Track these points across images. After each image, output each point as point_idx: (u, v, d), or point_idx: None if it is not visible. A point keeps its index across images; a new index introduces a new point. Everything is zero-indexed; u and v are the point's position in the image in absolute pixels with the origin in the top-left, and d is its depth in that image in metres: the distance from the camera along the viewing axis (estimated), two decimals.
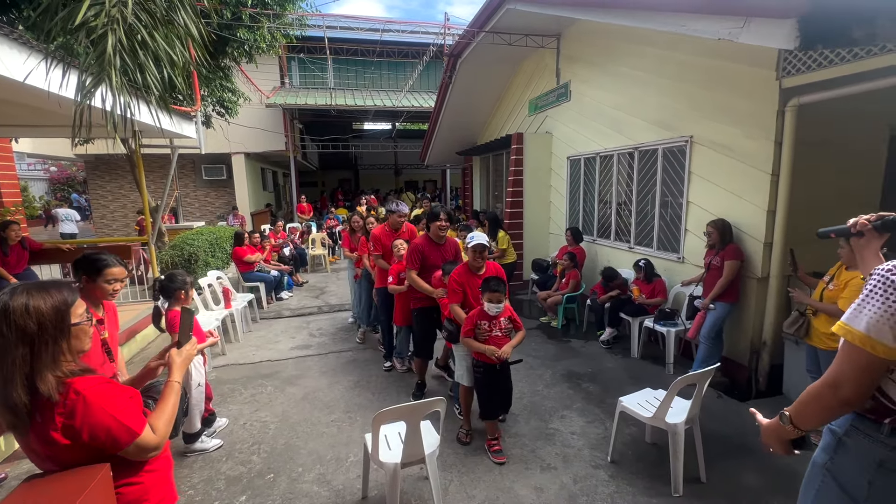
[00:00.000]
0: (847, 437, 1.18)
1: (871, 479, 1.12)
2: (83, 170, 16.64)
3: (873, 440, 1.12)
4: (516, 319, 2.91)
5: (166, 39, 2.47)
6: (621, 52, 5.29)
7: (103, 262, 2.21)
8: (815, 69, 3.19)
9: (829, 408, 1.13)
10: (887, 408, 1.10)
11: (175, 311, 3.09)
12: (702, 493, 2.55)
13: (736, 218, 3.89)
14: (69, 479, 1.11)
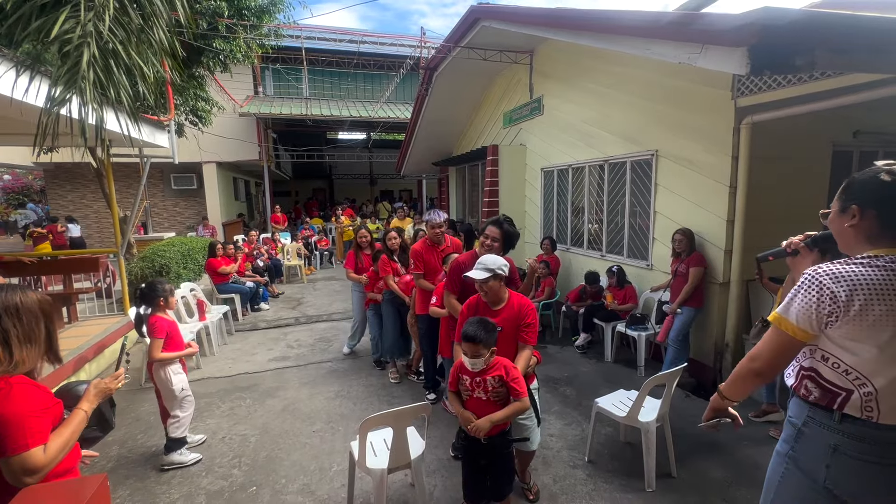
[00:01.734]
0: (805, 427, 1.29)
1: (828, 464, 1.24)
2: (41, 178, 15.88)
3: (827, 428, 1.25)
4: (513, 384, 2.03)
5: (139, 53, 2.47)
6: (591, 70, 5.56)
7: None
8: (766, 91, 3.50)
9: (745, 377, 1.34)
10: (830, 391, 1.23)
11: (157, 316, 3.07)
12: (673, 488, 2.70)
13: (698, 227, 4.14)
14: (67, 488, 1.12)
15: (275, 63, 13.17)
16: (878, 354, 1.16)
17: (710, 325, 4.13)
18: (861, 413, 1.20)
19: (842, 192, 1.31)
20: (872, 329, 1.15)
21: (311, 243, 11.11)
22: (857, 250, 1.26)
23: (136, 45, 2.51)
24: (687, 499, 2.60)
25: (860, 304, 1.14)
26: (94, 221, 12.88)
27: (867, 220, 1.23)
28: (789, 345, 1.24)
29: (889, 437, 1.19)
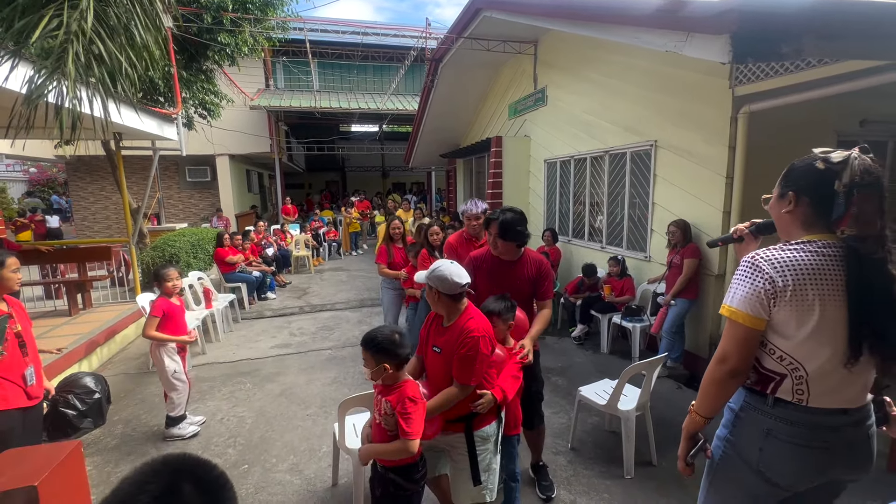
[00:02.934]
0: (742, 412, 1.33)
1: (761, 447, 1.28)
2: (64, 171, 16.44)
3: (761, 412, 1.28)
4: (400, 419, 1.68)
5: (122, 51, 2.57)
6: (593, 60, 5.50)
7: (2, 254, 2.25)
8: (764, 79, 3.42)
9: (721, 382, 1.27)
10: (767, 377, 1.27)
11: (161, 298, 3.27)
12: (652, 475, 2.72)
13: (695, 218, 4.10)
14: (43, 451, 1.22)
15: (284, 56, 13.31)
16: (809, 338, 1.19)
17: (704, 316, 4.10)
18: (792, 397, 1.24)
19: (782, 178, 1.32)
20: (805, 313, 1.18)
21: (321, 235, 11.28)
22: (794, 236, 1.28)
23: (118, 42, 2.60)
24: (665, 486, 2.62)
25: (794, 288, 1.17)
26: (112, 213, 13.29)
27: (802, 207, 1.25)
28: (751, 335, 1.23)
29: (817, 419, 1.23)
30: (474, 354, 1.79)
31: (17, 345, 2.32)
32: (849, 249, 1.18)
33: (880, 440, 1.36)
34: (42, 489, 1.12)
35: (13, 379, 2.27)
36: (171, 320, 3.25)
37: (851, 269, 1.17)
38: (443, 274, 1.83)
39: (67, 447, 1.25)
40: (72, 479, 1.24)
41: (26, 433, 2.31)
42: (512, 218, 2.32)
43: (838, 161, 1.18)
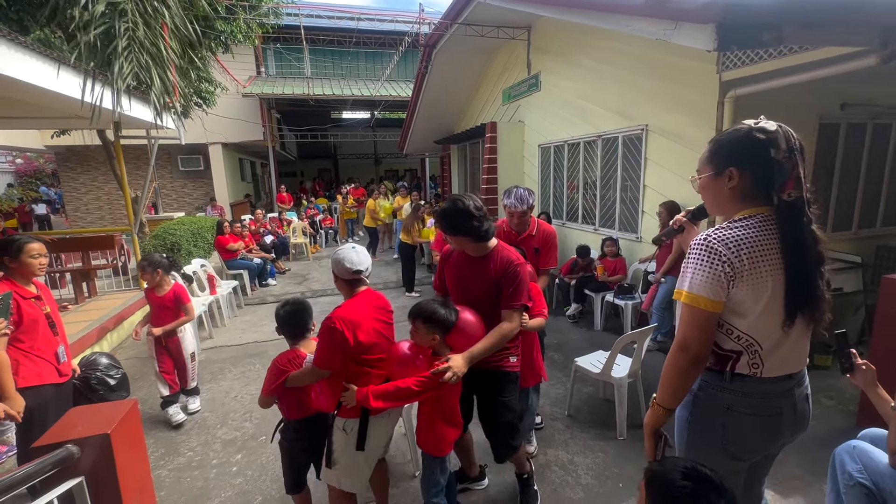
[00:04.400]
0: (700, 392, 1.33)
1: (723, 423, 1.29)
2: (52, 161, 16.22)
3: (720, 389, 1.29)
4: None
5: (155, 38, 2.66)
6: (585, 45, 5.61)
7: (21, 240, 2.36)
8: (749, 64, 3.58)
9: (684, 370, 1.25)
10: (724, 356, 1.28)
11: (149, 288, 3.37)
12: (643, 436, 2.93)
13: (684, 200, 4.28)
14: (107, 408, 1.38)
15: (276, 43, 13.17)
16: (763, 313, 1.22)
17: None
18: (749, 370, 1.26)
19: (712, 155, 1.32)
20: (761, 289, 1.20)
21: (317, 222, 11.36)
22: (731, 211, 1.30)
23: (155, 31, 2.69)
24: None
25: (749, 266, 1.19)
26: (105, 203, 13.22)
27: (744, 181, 1.25)
28: (711, 319, 1.22)
29: (770, 388, 1.28)
30: (322, 338, 1.83)
31: (48, 325, 2.46)
32: (791, 211, 1.21)
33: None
34: (113, 437, 1.28)
35: (47, 357, 2.41)
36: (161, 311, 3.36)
37: (788, 234, 1.21)
38: (338, 257, 1.93)
39: (127, 405, 1.40)
40: (133, 430, 1.40)
41: (58, 408, 2.46)
42: (450, 209, 1.97)
43: (773, 129, 1.20)
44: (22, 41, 3.06)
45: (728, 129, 1.30)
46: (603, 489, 2.49)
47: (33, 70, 3.27)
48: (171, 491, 2.58)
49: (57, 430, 1.31)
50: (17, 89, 3.47)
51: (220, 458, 2.88)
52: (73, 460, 1.23)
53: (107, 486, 1.30)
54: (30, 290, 2.40)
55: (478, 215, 1.94)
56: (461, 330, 1.90)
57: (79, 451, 1.24)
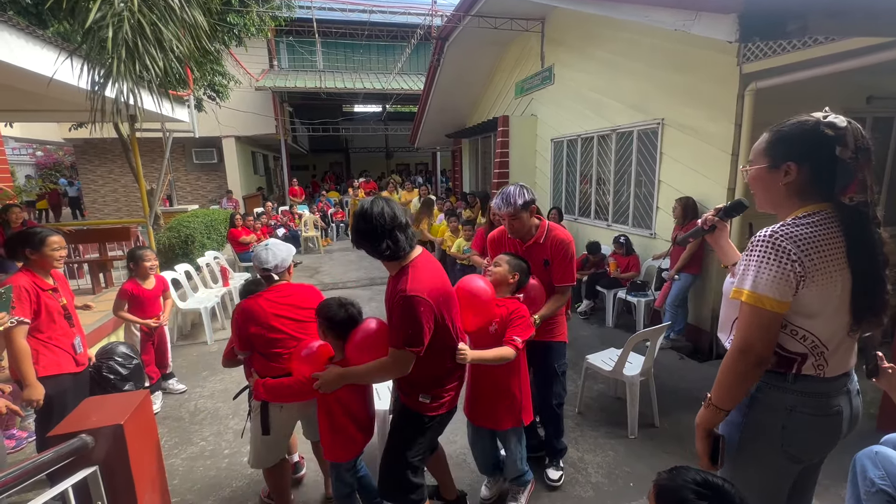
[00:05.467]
0: (758, 393, 1.27)
1: (784, 425, 1.24)
2: (71, 154, 16.53)
3: (782, 390, 1.24)
4: None
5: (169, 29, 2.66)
6: (600, 37, 5.50)
7: (42, 233, 2.38)
8: (772, 56, 3.47)
9: (745, 373, 1.19)
10: (788, 359, 1.23)
11: (130, 281, 3.42)
12: (654, 436, 2.91)
13: (700, 195, 4.20)
14: (120, 398, 1.39)
15: (288, 36, 13.19)
16: (830, 314, 1.18)
17: (707, 291, 4.24)
18: (814, 371, 1.22)
19: (771, 146, 1.23)
20: (830, 289, 1.16)
21: (328, 216, 11.41)
22: (785, 207, 1.25)
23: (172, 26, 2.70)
24: (666, 445, 2.81)
25: (820, 266, 1.14)
26: (122, 195, 13.45)
27: (802, 176, 1.18)
28: (776, 320, 1.16)
29: (830, 388, 1.24)
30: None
31: (64, 316, 2.50)
32: (857, 216, 1.16)
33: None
34: (126, 427, 1.29)
35: (64, 347, 2.46)
36: (143, 303, 3.44)
37: (855, 238, 1.15)
38: (254, 254, 2.16)
39: (139, 396, 1.42)
40: (145, 421, 1.42)
41: (76, 396, 2.51)
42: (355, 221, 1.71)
43: (843, 126, 1.12)
44: (40, 34, 3.10)
45: (791, 120, 1.21)
46: (613, 488, 2.47)
47: (50, 63, 3.31)
48: (184, 479, 2.63)
49: (72, 420, 1.33)
50: (36, 82, 3.53)
51: (232, 448, 2.92)
52: (87, 450, 1.25)
53: (120, 475, 1.32)
54: (48, 281, 2.44)
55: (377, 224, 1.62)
56: (354, 342, 1.79)
57: (93, 440, 1.26)
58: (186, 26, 2.85)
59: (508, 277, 2.06)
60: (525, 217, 2.21)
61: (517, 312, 2.00)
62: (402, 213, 1.71)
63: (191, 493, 2.52)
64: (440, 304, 1.66)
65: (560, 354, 2.43)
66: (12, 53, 2.89)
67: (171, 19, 2.75)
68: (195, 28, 2.90)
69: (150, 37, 2.62)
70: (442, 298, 1.68)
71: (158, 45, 2.69)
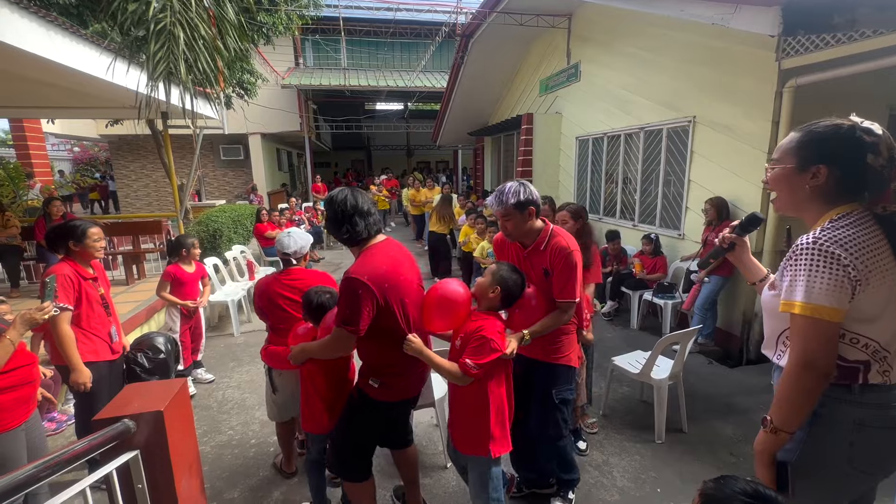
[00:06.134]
0: (821, 408, 1.17)
1: (852, 441, 1.15)
2: (105, 150, 17.17)
3: (849, 403, 1.16)
4: None
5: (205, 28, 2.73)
6: (630, 33, 5.38)
7: (84, 225, 2.48)
8: (813, 51, 3.32)
9: (810, 390, 1.12)
10: (850, 369, 1.16)
11: (174, 265, 3.62)
12: (682, 441, 2.84)
13: (734, 195, 4.07)
14: (160, 386, 1.43)
15: (314, 34, 13.37)
16: (889, 314, 1.12)
17: (739, 294, 4.11)
18: (881, 378, 1.15)
19: (801, 147, 1.18)
20: (885, 290, 1.11)
21: None
22: (809, 210, 1.20)
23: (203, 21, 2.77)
24: (695, 450, 2.74)
25: (872, 267, 1.09)
26: (153, 190, 13.90)
27: (829, 182, 1.14)
28: (835, 330, 1.10)
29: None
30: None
31: (102, 306, 2.60)
32: (892, 225, 1.12)
33: None
34: (166, 414, 1.33)
35: (101, 335, 2.55)
36: (180, 286, 3.64)
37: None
38: (278, 239, 2.51)
39: (178, 383, 1.46)
40: (183, 408, 1.47)
41: (111, 383, 2.60)
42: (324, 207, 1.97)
43: (879, 133, 1.09)
44: (83, 34, 3.22)
45: (824, 122, 1.16)
46: (640, 493, 2.42)
47: (90, 61, 3.44)
48: (213, 466, 2.70)
49: (115, 405, 1.38)
50: (79, 80, 3.67)
51: (259, 438, 2.98)
52: (129, 434, 1.30)
53: (159, 459, 1.36)
54: (89, 271, 2.54)
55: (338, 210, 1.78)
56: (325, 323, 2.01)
57: (135, 425, 1.31)
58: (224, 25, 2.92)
59: (488, 291, 1.84)
60: (519, 218, 1.93)
61: (477, 332, 1.74)
62: (367, 202, 1.83)
63: (220, 480, 2.59)
64: (385, 290, 1.70)
65: (565, 380, 2.09)
66: (59, 52, 3.01)
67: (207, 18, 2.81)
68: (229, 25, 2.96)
69: (189, 36, 2.69)
70: (388, 284, 1.71)
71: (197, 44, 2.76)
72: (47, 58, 2.91)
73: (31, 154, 9.55)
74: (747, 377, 3.74)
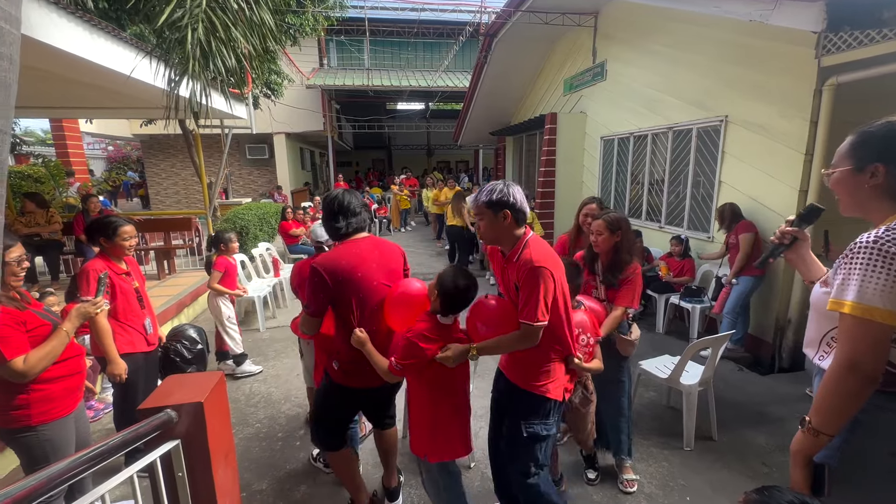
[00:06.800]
0: (863, 415, 1.13)
1: (893, 451, 1.12)
2: (137, 149, 17.77)
3: (892, 412, 1.13)
4: None
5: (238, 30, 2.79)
6: (659, 31, 5.27)
7: (116, 223, 2.56)
8: (856, 47, 3.19)
9: (854, 393, 1.09)
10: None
11: (221, 257, 3.82)
12: (712, 449, 2.77)
13: (767, 197, 3.95)
14: (199, 377, 1.48)
15: (339, 35, 13.55)
16: None
17: (772, 299, 3.98)
18: None
19: (855, 148, 1.19)
20: None
21: (372, 212, 11.65)
22: (875, 210, 1.18)
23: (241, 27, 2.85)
24: (725, 459, 2.67)
25: None
26: (182, 188, 14.32)
27: (890, 179, 1.13)
28: (886, 333, 1.07)
29: None
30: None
31: (136, 298, 2.69)
32: None
33: None
34: (206, 405, 1.37)
35: (136, 327, 2.64)
36: (228, 276, 3.91)
37: None
38: (313, 227, 2.75)
39: (216, 376, 1.51)
40: (221, 400, 1.51)
41: (147, 374, 2.70)
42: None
43: None
44: (123, 37, 3.34)
45: (879, 121, 1.15)
46: (668, 500, 2.37)
47: (129, 62, 3.56)
48: (241, 458, 2.76)
49: (157, 396, 1.43)
50: (116, 80, 3.81)
51: (285, 432, 3.04)
52: (171, 424, 1.34)
53: (199, 449, 1.40)
54: (121, 266, 2.63)
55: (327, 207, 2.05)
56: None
57: (176, 415, 1.35)
58: (255, 27, 2.99)
59: (433, 292, 1.79)
60: (492, 219, 1.74)
61: (408, 333, 1.77)
62: (357, 204, 2.04)
63: (248, 471, 2.65)
64: (337, 280, 1.86)
65: (537, 413, 1.80)
66: (102, 55, 3.13)
67: (240, 20, 2.88)
68: (263, 27, 3.03)
69: (222, 38, 2.76)
70: (342, 276, 1.88)
71: (229, 46, 2.83)
72: (92, 60, 3.04)
73: (70, 153, 9.96)
74: (780, 385, 3.62)
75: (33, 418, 1.80)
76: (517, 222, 1.72)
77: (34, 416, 1.80)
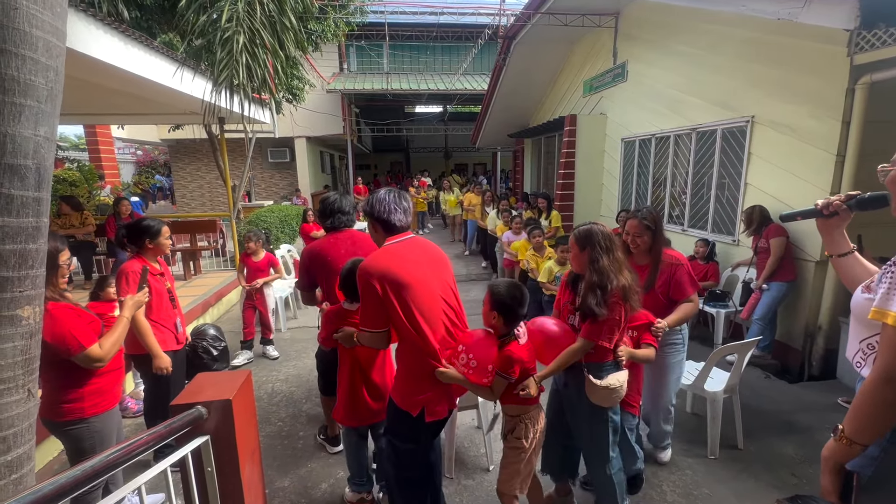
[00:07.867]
0: None
1: None
2: (165, 153, 18.35)
3: None
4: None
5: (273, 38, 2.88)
6: (682, 30, 5.18)
7: (158, 225, 2.66)
8: (892, 44, 3.08)
9: (890, 404, 1.05)
10: None
11: (243, 255, 4.25)
12: (738, 458, 2.70)
13: (795, 200, 3.84)
14: (227, 376, 1.53)
15: (358, 40, 13.73)
16: None
17: (801, 305, 3.86)
18: None
19: None
20: None
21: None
22: None
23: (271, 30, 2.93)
24: (751, 468, 2.60)
25: None
26: (206, 191, 14.71)
27: None
28: None
29: None
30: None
31: (169, 298, 2.78)
32: None
33: None
34: (234, 403, 1.42)
35: (168, 326, 2.74)
36: (249, 272, 4.42)
37: None
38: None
39: (243, 374, 1.56)
40: (248, 398, 1.55)
41: (177, 371, 2.79)
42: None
43: None
44: (155, 46, 3.47)
45: None
46: None
47: (161, 70, 3.70)
48: (264, 455, 2.81)
49: (188, 393, 1.48)
50: (148, 88, 3.95)
51: (306, 431, 3.09)
52: (202, 420, 1.39)
53: (227, 445, 1.44)
54: (156, 266, 2.73)
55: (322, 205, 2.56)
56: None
57: (206, 412, 1.40)
58: (286, 31, 3.07)
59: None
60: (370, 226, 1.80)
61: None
62: (349, 205, 2.57)
63: (270, 468, 2.71)
64: (316, 265, 2.40)
65: (392, 421, 1.81)
66: (136, 63, 3.26)
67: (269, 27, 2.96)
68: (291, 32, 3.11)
69: (251, 42, 2.85)
70: (318, 263, 2.39)
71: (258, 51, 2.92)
72: (125, 69, 3.17)
73: (102, 157, 10.36)
74: (809, 394, 3.50)
75: (87, 410, 1.90)
76: (381, 230, 1.80)
77: (87, 409, 1.90)
